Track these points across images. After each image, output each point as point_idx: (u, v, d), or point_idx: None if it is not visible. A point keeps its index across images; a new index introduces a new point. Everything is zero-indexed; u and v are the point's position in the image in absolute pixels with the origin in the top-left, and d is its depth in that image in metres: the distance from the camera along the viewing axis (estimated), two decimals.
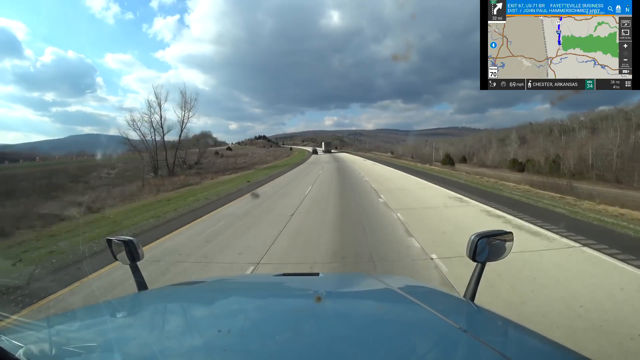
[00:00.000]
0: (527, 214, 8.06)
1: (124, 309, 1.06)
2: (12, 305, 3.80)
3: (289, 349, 0.77)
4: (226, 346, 0.78)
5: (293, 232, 6.81)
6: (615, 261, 4.61)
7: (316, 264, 4.88)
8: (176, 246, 6.09)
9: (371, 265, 4.77)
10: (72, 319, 1.02)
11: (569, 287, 3.79)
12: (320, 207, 9.65)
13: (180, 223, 8.15)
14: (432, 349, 0.80)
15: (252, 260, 5.12)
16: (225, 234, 6.89)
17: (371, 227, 6.94)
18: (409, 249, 5.45)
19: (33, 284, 4.51)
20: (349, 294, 1.35)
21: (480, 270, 1.18)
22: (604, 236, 5.92)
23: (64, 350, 0.75)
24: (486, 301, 2.97)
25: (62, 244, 6.52)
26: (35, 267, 5.17)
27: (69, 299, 3.97)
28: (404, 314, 1.02)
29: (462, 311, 1.10)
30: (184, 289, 1.45)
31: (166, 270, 4.78)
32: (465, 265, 3.24)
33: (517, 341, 0.90)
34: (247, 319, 0.97)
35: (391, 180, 17.21)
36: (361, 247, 5.63)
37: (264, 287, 1.46)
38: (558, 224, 6.77)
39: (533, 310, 3.29)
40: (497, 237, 1.21)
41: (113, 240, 1.32)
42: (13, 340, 0.75)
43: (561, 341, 0.80)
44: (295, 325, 0.90)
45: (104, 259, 5.00)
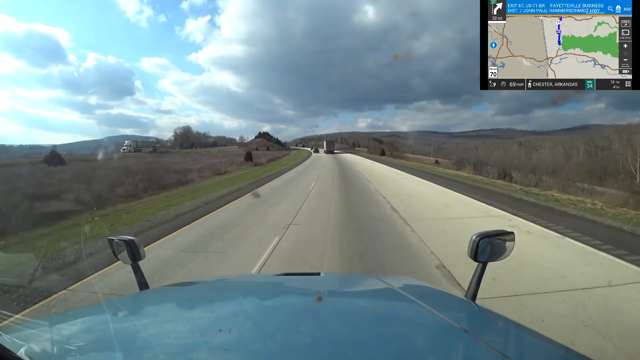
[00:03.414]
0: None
1: (125, 308, 1.06)
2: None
3: (290, 349, 0.77)
4: (227, 346, 0.78)
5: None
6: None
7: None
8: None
9: None
10: (73, 318, 1.02)
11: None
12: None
13: None
14: (433, 348, 0.80)
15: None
16: None
17: None
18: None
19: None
20: (350, 293, 1.35)
21: (481, 270, 1.18)
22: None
23: (66, 349, 0.75)
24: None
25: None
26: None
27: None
28: (405, 314, 1.02)
29: (463, 311, 1.10)
30: (185, 289, 1.45)
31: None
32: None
33: (518, 341, 0.90)
34: (248, 319, 0.97)
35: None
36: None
37: (265, 286, 1.46)
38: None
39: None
40: (498, 237, 1.21)
41: (114, 240, 1.32)
42: (15, 338, 0.75)
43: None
44: (297, 325, 0.90)
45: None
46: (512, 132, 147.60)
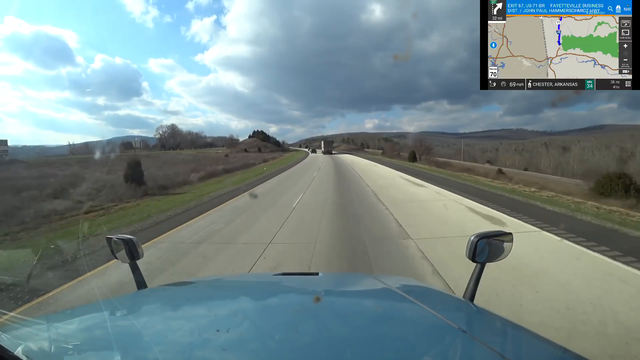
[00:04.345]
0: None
1: (123, 307, 1.06)
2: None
3: (288, 349, 0.77)
4: (225, 345, 0.78)
5: None
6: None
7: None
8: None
9: None
10: (71, 317, 1.02)
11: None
12: None
13: None
14: (431, 348, 0.80)
15: None
16: None
17: None
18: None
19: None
20: (348, 293, 1.35)
21: (479, 271, 1.18)
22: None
23: (63, 348, 0.75)
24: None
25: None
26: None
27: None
28: (403, 314, 1.02)
29: (462, 311, 1.10)
30: (183, 288, 1.45)
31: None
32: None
33: (515, 342, 0.90)
34: (246, 319, 0.97)
35: None
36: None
37: (263, 286, 1.46)
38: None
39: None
40: (496, 237, 1.21)
41: (112, 238, 1.32)
42: (12, 337, 0.75)
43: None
44: (295, 325, 0.89)
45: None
46: (522, 133, 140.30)
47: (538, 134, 79.89)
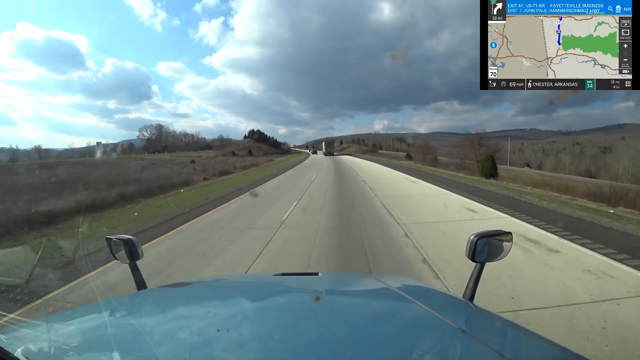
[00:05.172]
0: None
1: (122, 308, 1.06)
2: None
3: (287, 349, 0.77)
4: (225, 346, 0.78)
5: None
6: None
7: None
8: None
9: None
10: (70, 318, 1.02)
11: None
12: None
13: None
14: (430, 348, 0.80)
15: None
16: None
17: None
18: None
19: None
20: (347, 293, 1.35)
21: (479, 271, 1.18)
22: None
23: (63, 349, 0.75)
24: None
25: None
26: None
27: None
28: (403, 314, 1.02)
29: (461, 311, 1.09)
30: (182, 289, 1.45)
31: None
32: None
33: (515, 341, 0.90)
34: (246, 319, 0.97)
35: None
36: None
37: (263, 286, 1.46)
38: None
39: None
40: (496, 237, 1.21)
41: (112, 239, 1.31)
42: (12, 338, 0.75)
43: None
44: (294, 325, 0.89)
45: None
46: (536, 133, 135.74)
47: (552, 133, 78.38)
